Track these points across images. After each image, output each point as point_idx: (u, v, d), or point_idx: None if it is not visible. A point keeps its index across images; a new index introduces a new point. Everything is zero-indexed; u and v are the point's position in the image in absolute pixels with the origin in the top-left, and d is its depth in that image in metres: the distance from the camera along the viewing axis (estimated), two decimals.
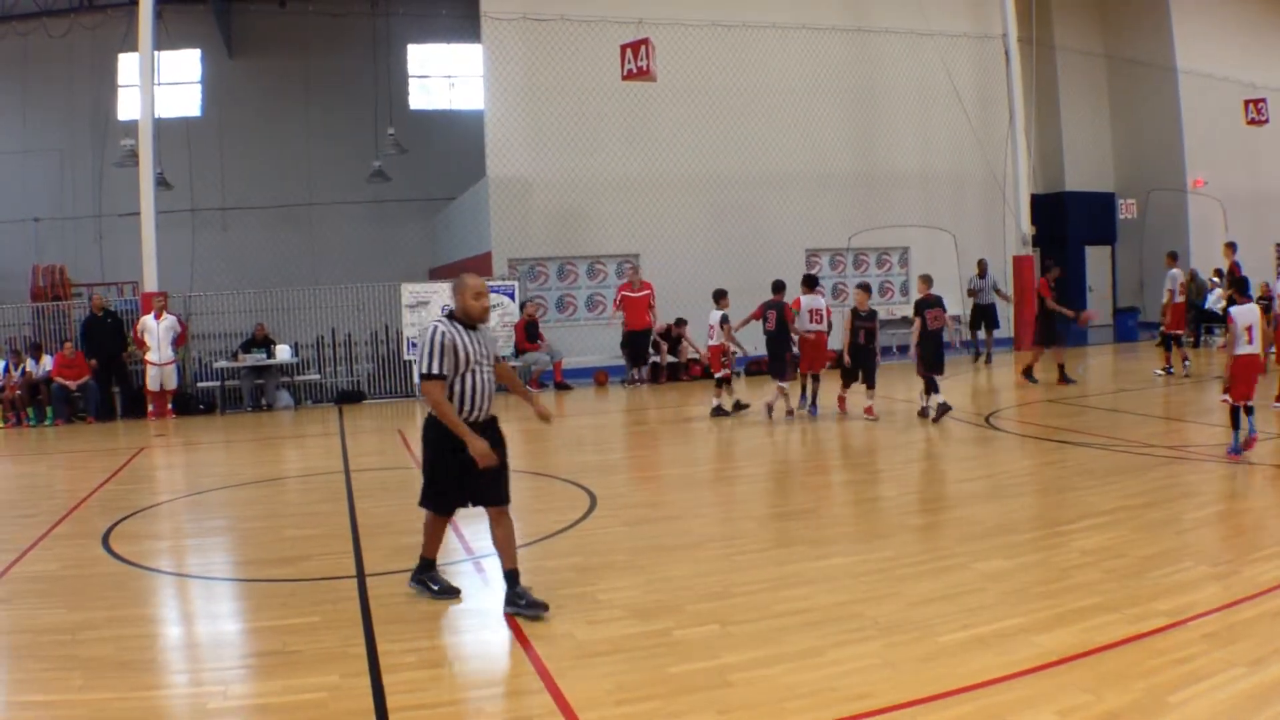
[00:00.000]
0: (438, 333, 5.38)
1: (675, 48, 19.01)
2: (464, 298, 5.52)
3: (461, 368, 5.40)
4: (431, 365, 5.35)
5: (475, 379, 5.46)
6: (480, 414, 5.50)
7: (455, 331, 5.43)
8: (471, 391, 5.45)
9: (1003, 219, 22.08)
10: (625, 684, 4.46)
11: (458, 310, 5.54)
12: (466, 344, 5.43)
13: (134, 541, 7.66)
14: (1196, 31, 24.50)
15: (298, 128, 25.84)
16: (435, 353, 5.35)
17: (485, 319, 5.62)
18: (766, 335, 13.32)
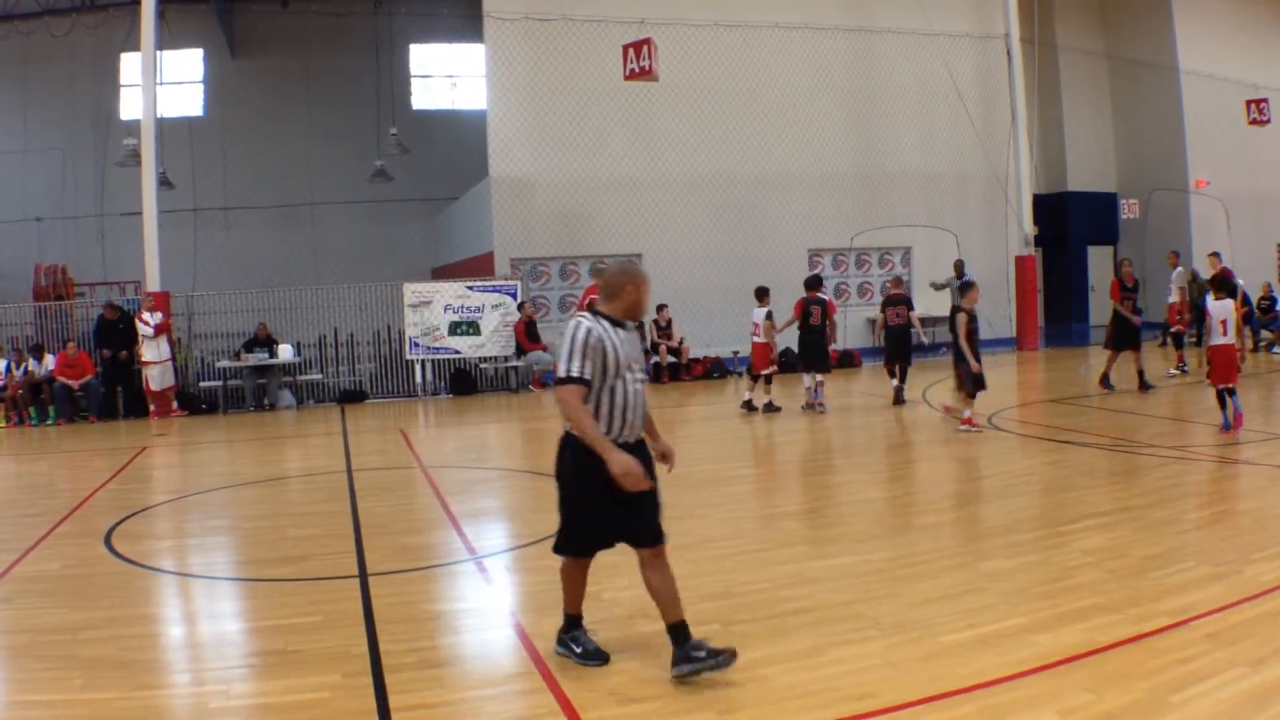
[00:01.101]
0: (582, 329, 4.50)
1: (677, 48, 19.01)
2: (635, 289, 4.64)
3: (609, 375, 4.51)
4: (572, 365, 4.46)
5: (624, 390, 4.56)
6: (629, 433, 4.60)
7: (605, 331, 4.53)
8: (620, 405, 4.55)
9: (1005, 219, 22.08)
10: (627, 684, 4.47)
11: (616, 305, 4.65)
12: (617, 346, 4.54)
13: (136, 541, 7.67)
14: (1198, 32, 24.48)
15: (300, 127, 25.86)
16: (579, 351, 4.46)
17: (640, 317, 4.83)
18: (809, 330, 13.60)
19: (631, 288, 4.64)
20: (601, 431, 4.47)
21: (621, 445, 4.50)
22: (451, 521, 7.99)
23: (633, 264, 4.80)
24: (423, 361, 18.12)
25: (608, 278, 4.70)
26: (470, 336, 18.11)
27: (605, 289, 4.68)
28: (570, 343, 4.49)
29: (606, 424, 4.51)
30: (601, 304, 4.69)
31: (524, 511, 8.73)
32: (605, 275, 4.72)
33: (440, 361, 18.29)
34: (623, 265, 4.75)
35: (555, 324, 19.55)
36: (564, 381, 4.47)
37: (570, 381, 4.47)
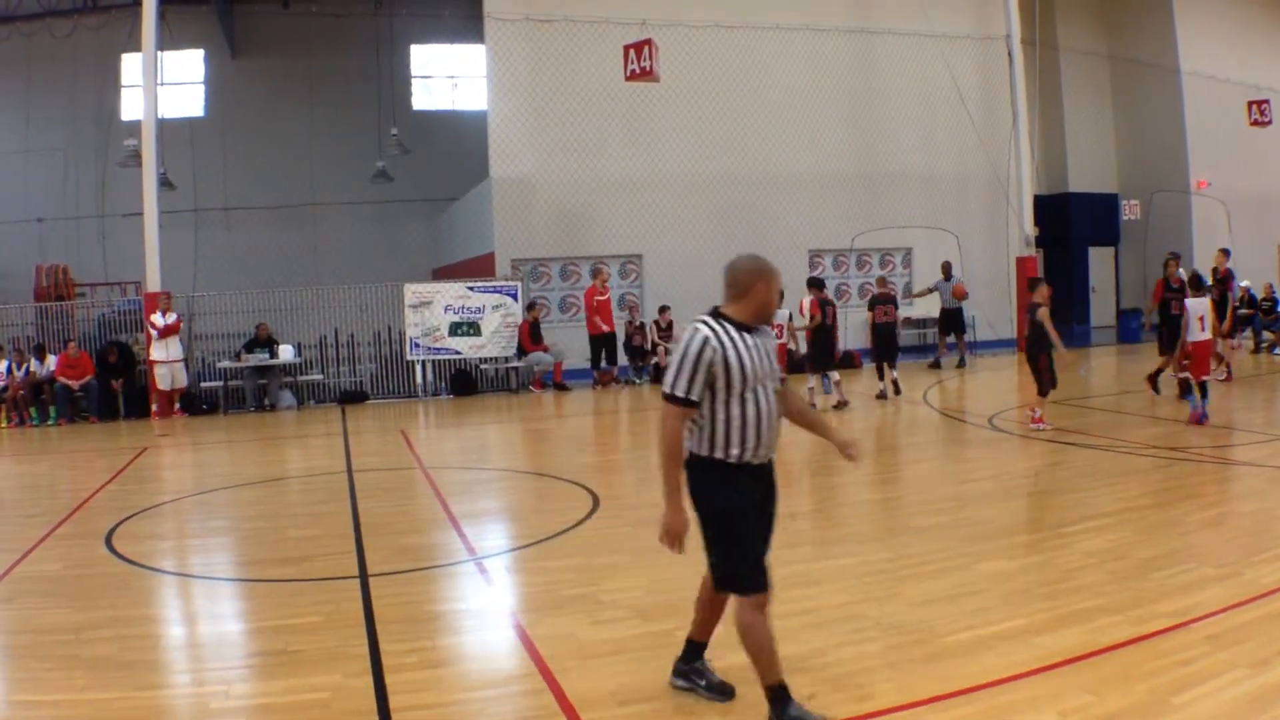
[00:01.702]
0: (697, 340, 3.86)
1: (678, 49, 19.01)
2: (767, 287, 4.01)
3: (739, 387, 3.87)
4: (679, 383, 3.85)
5: (757, 404, 3.92)
6: (763, 453, 3.98)
7: (730, 340, 3.89)
8: (753, 421, 3.91)
9: (1006, 220, 22.07)
10: (628, 684, 4.46)
11: (745, 306, 4.01)
12: (743, 356, 3.89)
13: (137, 541, 7.67)
14: (1200, 33, 24.48)
15: (301, 128, 25.88)
16: (688, 367, 3.85)
17: (771, 320, 4.18)
18: (822, 330, 13.75)
19: (763, 285, 4.00)
20: (733, 453, 3.89)
21: (750, 468, 3.95)
22: (452, 522, 8.00)
23: (760, 257, 4.12)
24: (423, 362, 18.12)
25: (735, 273, 4.04)
26: (471, 337, 18.11)
27: (732, 287, 4.03)
28: (682, 355, 3.87)
29: (731, 441, 3.89)
30: (726, 305, 4.03)
31: (524, 512, 8.74)
32: (732, 270, 4.06)
33: (441, 362, 18.29)
34: (751, 258, 4.08)
35: (555, 325, 19.55)
36: (668, 399, 3.89)
37: (674, 401, 3.87)
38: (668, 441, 3.90)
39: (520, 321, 18.11)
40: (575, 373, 18.81)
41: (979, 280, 21.57)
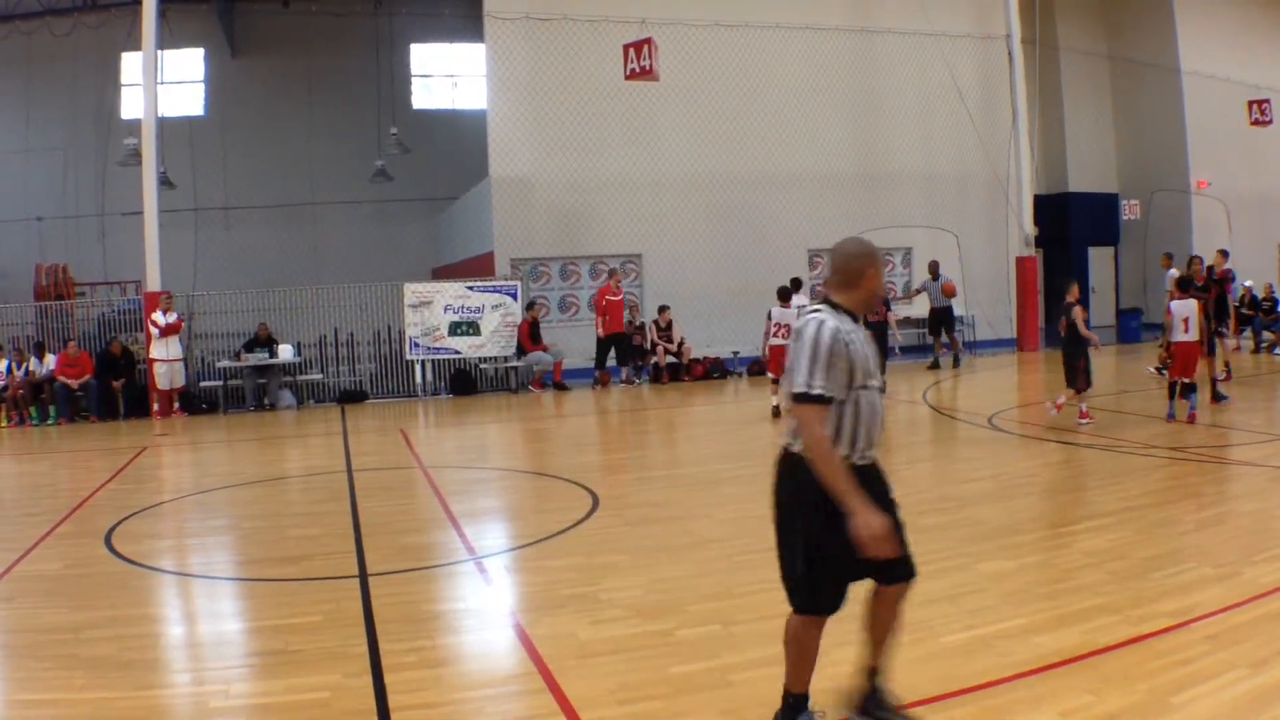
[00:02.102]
0: (826, 329, 3.55)
1: (678, 47, 19.01)
2: (875, 274, 3.75)
3: (856, 382, 3.61)
4: (814, 379, 3.52)
5: (870, 401, 3.68)
6: (868, 455, 3.76)
7: (851, 331, 3.62)
8: (865, 420, 3.67)
9: (1006, 220, 22.08)
10: (627, 684, 4.46)
11: (855, 294, 3.74)
12: (862, 349, 3.64)
13: (136, 541, 7.67)
14: (1200, 32, 24.48)
15: (300, 127, 25.87)
16: (823, 359, 3.53)
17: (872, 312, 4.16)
18: None
19: (873, 272, 3.72)
20: (840, 454, 3.58)
21: (857, 470, 3.64)
22: (451, 522, 8.00)
23: (867, 241, 3.85)
24: (423, 362, 18.12)
25: (846, 259, 3.72)
26: (470, 337, 18.11)
27: (841, 273, 3.72)
28: (812, 348, 3.52)
29: (847, 444, 3.62)
30: (836, 293, 3.72)
31: (524, 512, 8.74)
32: (843, 256, 3.74)
33: (440, 362, 18.30)
34: (860, 242, 3.79)
35: (555, 324, 19.55)
36: (806, 399, 3.50)
37: (813, 401, 3.50)
38: (820, 448, 3.49)
39: (520, 321, 18.12)
40: (575, 372, 18.81)
41: (979, 280, 21.59)
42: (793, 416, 3.63)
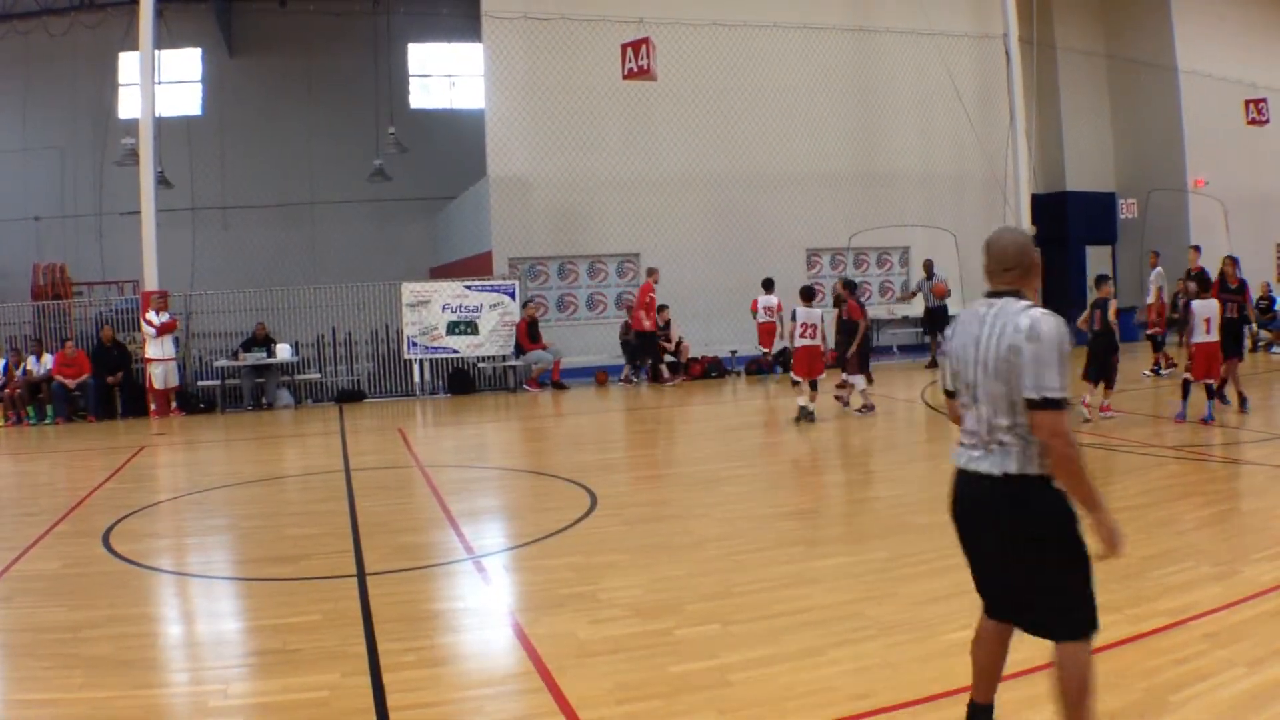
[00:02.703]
0: (1061, 326, 3.31)
1: (676, 47, 19.01)
2: (1038, 268, 3.54)
3: None
4: (1064, 381, 3.26)
5: None
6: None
7: None
8: None
9: (1004, 219, 22.04)
10: (626, 683, 4.46)
11: (1036, 284, 3.55)
12: None
13: (134, 540, 7.66)
14: (1197, 32, 24.48)
15: (298, 126, 25.84)
16: (1065, 361, 3.28)
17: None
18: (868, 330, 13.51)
19: (1039, 263, 3.56)
20: (1039, 467, 3.32)
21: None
22: (449, 521, 7.99)
23: (1021, 231, 3.70)
24: (421, 361, 18.11)
25: (1018, 249, 3.47)
26: (468, 336, 18.10)
27: (1016, 267, 3.46)
28: (1059, 347, 3.25)
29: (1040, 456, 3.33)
30: (1021, 284, 3.47)
31: (522, 511, 8.74)
32: (1013, 246, 3.48)
33: (438, 361, 18.29)
34: (1018, 231, 3.59)
35: (554, 323, 19.55)
36: (1055, 405, 3.22)
37: (1062, 406, 3.23)
38: (1079, 455, 3.24)
39: (518, 320, 18.11)
40: (575, 371, 18.81)
41: (976, 279, 21.51)
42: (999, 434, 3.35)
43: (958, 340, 3.55)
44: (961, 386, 3.55)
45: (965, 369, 3.49)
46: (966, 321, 3.52)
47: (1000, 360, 3.32)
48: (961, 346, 3.51)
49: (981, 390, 3.41)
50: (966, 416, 3.54)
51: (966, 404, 3.53)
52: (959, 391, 3.58)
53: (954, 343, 3.58)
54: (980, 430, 3.44)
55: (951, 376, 3.61)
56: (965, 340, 3.49)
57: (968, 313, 3.55)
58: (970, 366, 3.45)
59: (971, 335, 3.45)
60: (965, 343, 3.49)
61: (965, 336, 3.50)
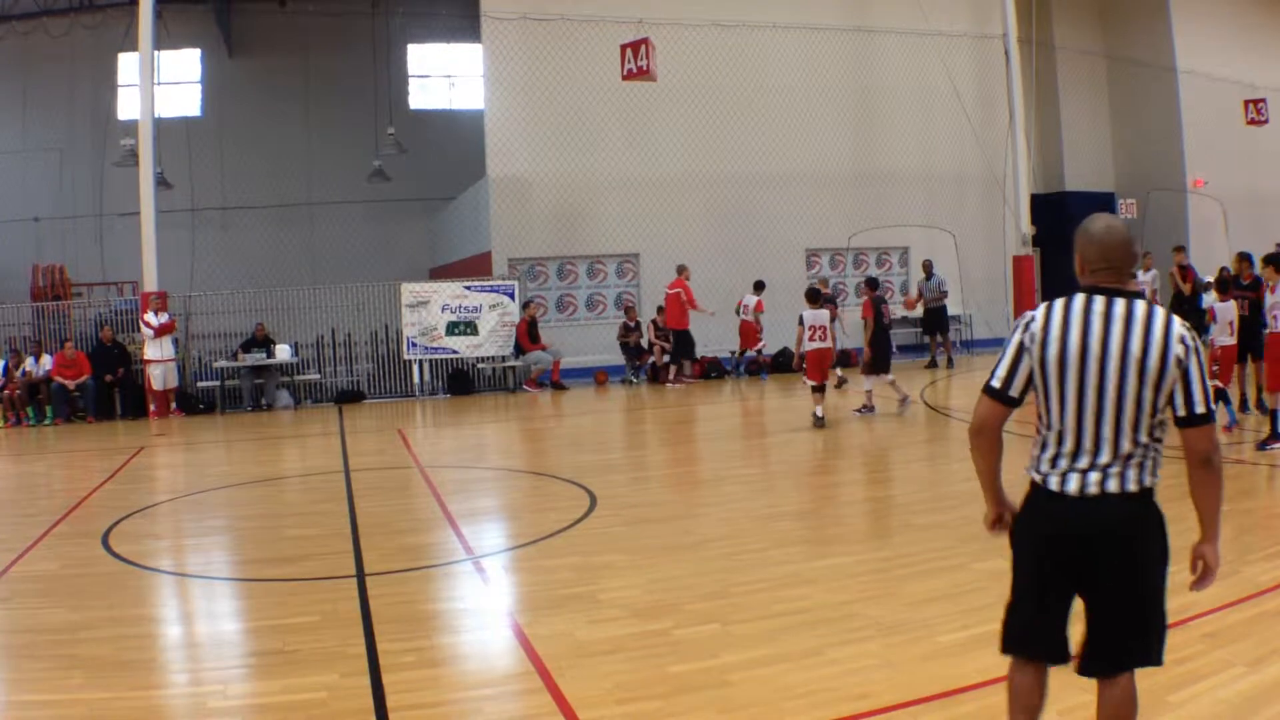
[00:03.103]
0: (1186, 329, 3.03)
1: (675, 48, 19.00)
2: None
3: None
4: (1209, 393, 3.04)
5: None
6: None
7: None
8: None
9: (1003, 219, 22.09)
10: (625, 683, 4.46)
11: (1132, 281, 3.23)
12: None
13: (134, 541, 7.66)
14: (1196, 32, 24.50)
15: (297, 127, 25.83)
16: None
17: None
18: (881, 331, 12.93)
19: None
20: (1151, 481, 3.20)
21: None
22: (449, 521, 7.99)
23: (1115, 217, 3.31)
24: (420, 361, 18.11)
25: (1123, 242, 3.09)
26: (468, 336, 18.10)
27: (1128, 259, 3.12)
28: (1200, 353, 3.01)
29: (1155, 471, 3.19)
30: (1129, 282, 3.13)
31: (522, 511, 8.74)
32: (1119, 238, 3.09)
33: (438, 361, 18.29)
34: (1113, 217, 3.22)
35: (553, 324, 19.55)
36: (1209, 420, 3.07)
37: (1212, 420, 3.07)
38: (1220, 474, 3.17)
39: (517, 321, 18.11)
40: (575, 372, 18.81)
41: (976, 279, 21.61)
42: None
43: (1064, 339, 3.00)
44: (1055, 393, 3.03)
45: (1077, 374, 2.98)
46: (1077, 318, 3.00)
47: (1153, 371, 2.91)
48: (1077, 347, 2.97)
49: (1110, 399, 2.95)
50: (1057, 431, 3.07)
51: (1057, 414, 3.05)
52: (1046, 398, 3.07)
53: (1053, 343, 3.01)
54: (1100, 446, 3.01)
55: (1026, 379, 3.10)
56: (1083, 341, 2.97)
57: (1075, 309, 3.02)
58: (1093, 372, 2.96)
59: (1096, 336, 2.95)
60: (1084, 344, 2.97)
61: (1083, 336, 2.97)
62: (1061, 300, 3.05)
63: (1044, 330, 3.03)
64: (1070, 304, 3.03)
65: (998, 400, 3.15)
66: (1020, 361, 3.09)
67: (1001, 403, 3.16)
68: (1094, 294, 3.02)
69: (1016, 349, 3.09)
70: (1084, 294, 3.04)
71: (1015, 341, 3.10)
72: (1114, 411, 2.96)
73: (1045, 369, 3.03)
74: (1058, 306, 3.04)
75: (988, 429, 3.25)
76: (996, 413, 3.18)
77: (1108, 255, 3.04)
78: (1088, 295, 3.03)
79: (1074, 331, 2.99)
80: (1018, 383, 3.11)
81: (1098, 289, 3.02)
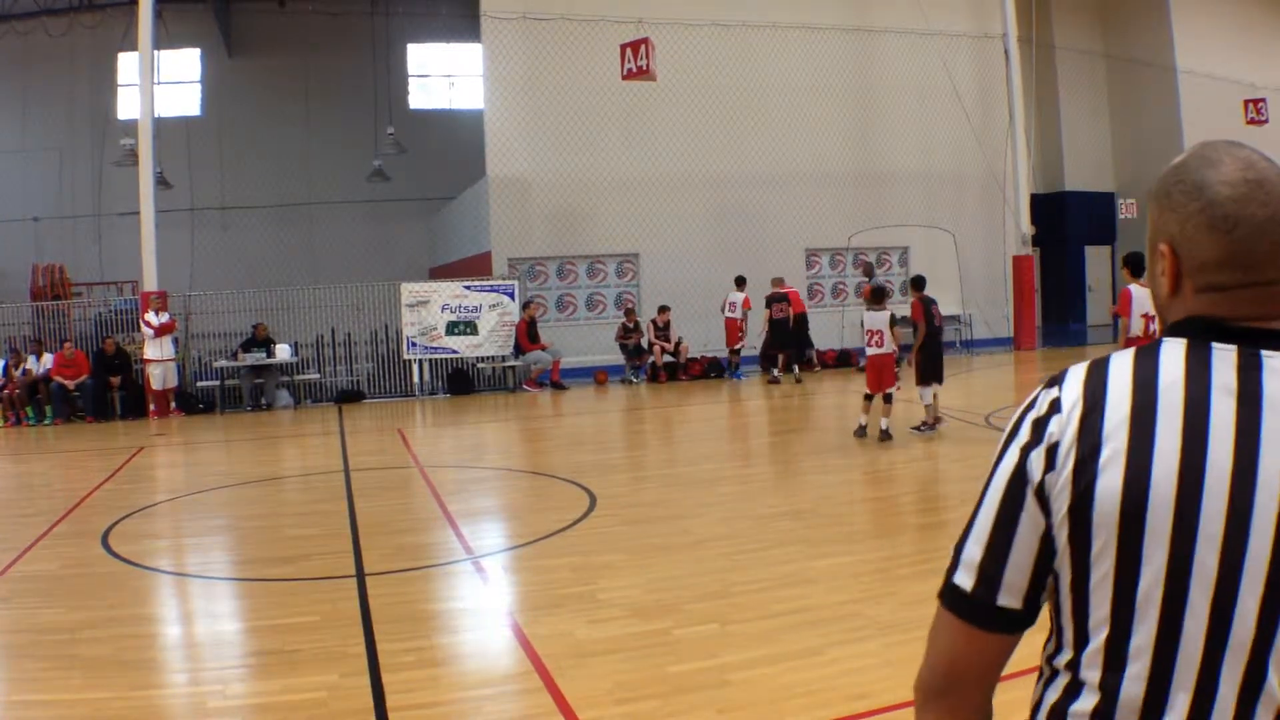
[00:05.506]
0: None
1: (675, 47, 19.00)
2: None
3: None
4: None
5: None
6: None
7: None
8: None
9: (1003, 219, 22.09)
10: (625, 683, 4.46)
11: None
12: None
13: (133, 541, 7.66)
14: (1196, 31, 24.51)
15: (297, 127, 25.83)
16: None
17: None
18: (932, 335, 11.57)
19: None
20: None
21: None
22: (449, 521, 8.00)
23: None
24: (420, 361, 18.11)
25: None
26: (468, 336, 18.10)
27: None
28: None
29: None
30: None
31: (521, 511, 8.74)
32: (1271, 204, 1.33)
33: (438, 361, 18.29)
34: None
35: (553, 324, 19.55)
36: None
37: None
38: None
39: (517, 320, 18.11)
40: (574, 372, 18.81)
41: (976, 279, 21.62)
42: None
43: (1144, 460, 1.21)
44: (1120, 589, 1.25)
45: (1179, 541, 1.20)
46: (1174, 407, 1.22)
47: None
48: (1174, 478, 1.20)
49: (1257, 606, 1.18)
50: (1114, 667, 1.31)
51: (1114, 630, 1.29)
52: (1089, 597, 1.30)
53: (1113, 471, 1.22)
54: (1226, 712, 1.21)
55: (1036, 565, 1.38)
56: (1196, 460, 1.20)
57: (1166, 380, 1.24)
58: (1217, 536, 1.18)
59: (1226, 449, 1.19)
60: (1198, 467, 1.20)
61: (1196, 451, 1.20)
62: (1127, 359, 1.28)
63: (1089, 436, 1.25)
64: (1153, 367, 1.26)
65: (978, 623, 1.47)
66: (1020, 520, 1.34)
67: (986, 627, 1.46)
68: (1213, 341, 1.26)
69: (1012, 483, 1.34)
70: (1184, 341, 1.28)
71: (1009, 466, 1.34)
72: (1258, 609, 1.18)
73: (1093, 521, 1.24)
74: (1121, 374, 1.27)
75: (963, 686, 1.55)
76: (980, 650, 1.50)
77: (1250, 254, 1.27)
78: (1196, 344, 1.27)
79: (1167, 439, 1.21)
80: (1018, 576, 1.40)
81: (1225, 326, 1.27)
